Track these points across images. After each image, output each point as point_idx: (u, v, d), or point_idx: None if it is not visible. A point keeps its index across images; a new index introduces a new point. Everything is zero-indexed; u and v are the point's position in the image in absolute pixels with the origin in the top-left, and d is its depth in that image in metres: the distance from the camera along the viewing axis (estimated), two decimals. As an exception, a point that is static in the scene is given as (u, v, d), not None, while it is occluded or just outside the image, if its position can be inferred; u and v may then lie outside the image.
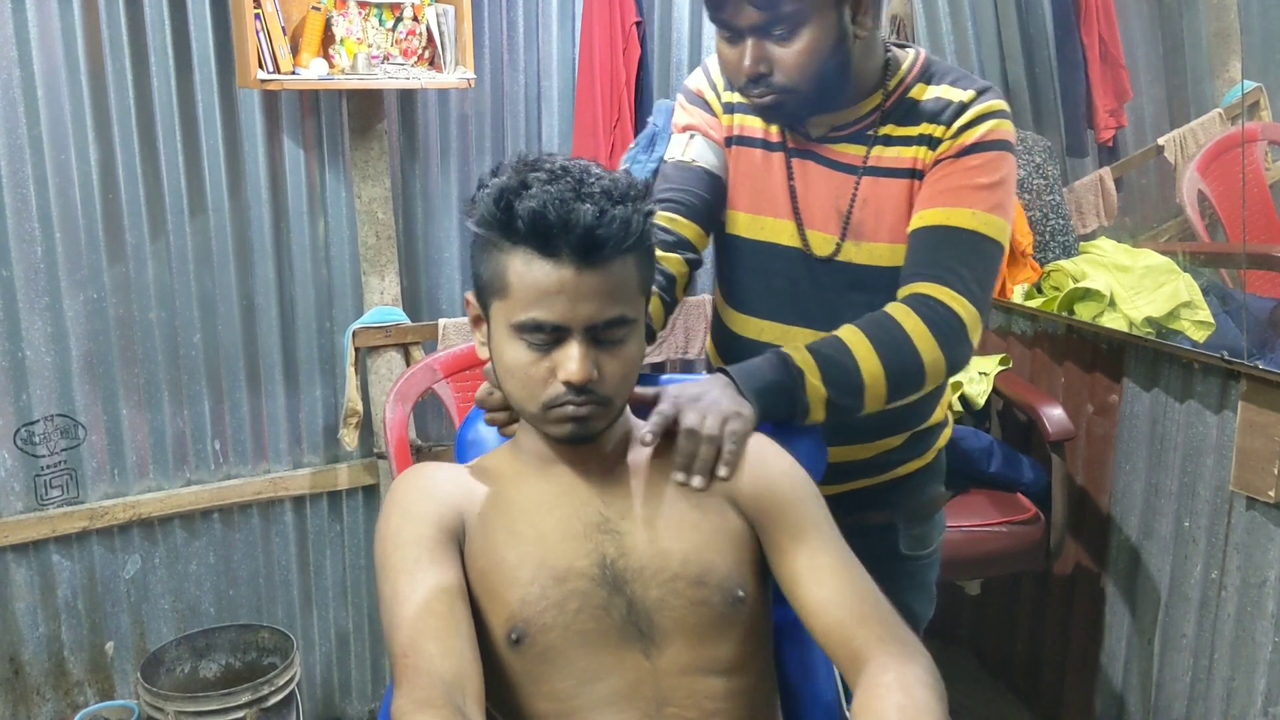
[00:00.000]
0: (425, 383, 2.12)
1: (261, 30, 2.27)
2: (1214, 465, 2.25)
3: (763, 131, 1.63)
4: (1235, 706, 2.23)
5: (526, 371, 1.20)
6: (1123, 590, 2.52)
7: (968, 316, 1.48)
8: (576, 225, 1.13)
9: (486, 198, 1.18)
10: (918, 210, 1.53)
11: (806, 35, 1.44)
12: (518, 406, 1.25)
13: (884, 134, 1.56)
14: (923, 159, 1.54)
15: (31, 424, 2.40)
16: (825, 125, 1.59)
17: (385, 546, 1.24)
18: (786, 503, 1.28)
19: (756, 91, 1.50)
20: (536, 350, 1.18)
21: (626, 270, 1.19)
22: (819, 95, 1.50)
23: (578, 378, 1.17)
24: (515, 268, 1.17)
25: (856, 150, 1.58)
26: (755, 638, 1.27)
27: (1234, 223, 2.72)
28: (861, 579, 1.23)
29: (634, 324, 1.22)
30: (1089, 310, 2.62)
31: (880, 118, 1.57)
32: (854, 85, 1.55)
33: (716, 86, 1.67)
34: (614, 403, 1.23)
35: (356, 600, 2.83)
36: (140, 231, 2.43)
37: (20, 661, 2.48)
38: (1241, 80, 2.70)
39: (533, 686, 1.21)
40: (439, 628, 1.13)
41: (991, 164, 1.50)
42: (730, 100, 1.65)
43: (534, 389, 1.20)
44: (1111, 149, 3.03)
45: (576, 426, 1.21)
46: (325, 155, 2.57)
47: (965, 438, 2.49)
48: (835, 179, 1.58)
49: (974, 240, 1.49)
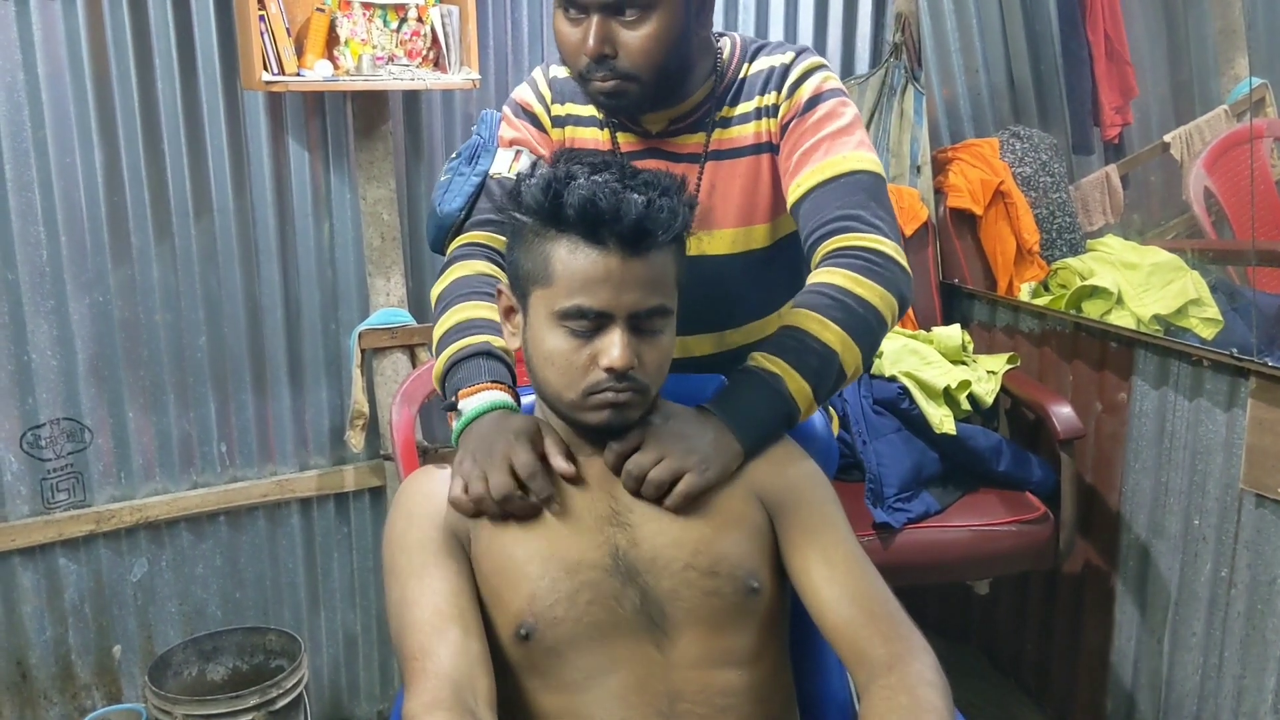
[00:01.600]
0: (430, 385, 2.11)
1: (266, 32, 2.27)
2: (1223, 463, 2.24)
3: (595, 141, 1.61)
4: (1246, 705, 2.22)
5: (568, 359, 1.21)
6: (1132, 589, 2.51)
7: (890, 249, 1.44)
8: (626, 213, 1.16)
9: (534, 187, 1.21)
10: (792, 179, 1.52)
11: (655, 21, 1.42)
12: (554, 395, 1.25)
13: (721, 117, 1.57)
14: (767, 130, 1.55)
15: (38, 427, 2.39)
16: (663, 120, 1.58)
17: (392, 550, 1.25)
18: (804, 500, 1.30)
19: (599, 75, 1.46)
20: (578, 337, 1.21)
21: (666, 262, 1.23)
22: (659, 85, 1.48)
23: (620, 364, 1.19)
24: (560, 255, 1.20)
25: (697, 139, 1.58)
26: (770, 631, 1.27)
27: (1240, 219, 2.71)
28: (873, 579, 1.24)
29: (671, 316, 1.25)
30: (1096, 308, 2.61)
31: (715, 104, 1.57)
32: (690, 79, 1.55)
33: (545, 99, 1.64)
34: (650, 392, 1.25)
35: (364, 602, 2.83)
36: (145, 234, 2.43)
37: (27, 665, 2.48)
38: (1249, 76, 2.69)
39: (539, 681, 1.21)
40: (448, 630, 1.14)
41: (836, 110, 1.51)
42: (560, 113, 1.63)
43: (574, 376, 1.22)
44: (1117, 146, 3.02)
45: (614, 413, 1.23)
46: (330, 157, 2.57)
47: (973, 436, 2.48)
48: (677, 170, 1.56)
49: (857, 180, 1.48)
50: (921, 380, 2.52)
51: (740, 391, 1.35)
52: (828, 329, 1.37)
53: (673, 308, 1.25)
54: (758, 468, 1.32)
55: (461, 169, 1.68)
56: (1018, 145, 2.93)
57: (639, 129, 1.60)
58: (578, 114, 1.63)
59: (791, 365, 1.35)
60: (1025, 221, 2.86)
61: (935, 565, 2.38)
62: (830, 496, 1.32)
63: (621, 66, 1.44)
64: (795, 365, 1.36)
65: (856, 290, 1.40)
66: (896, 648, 1.16)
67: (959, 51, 3.05)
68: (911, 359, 2.57)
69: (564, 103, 1.63)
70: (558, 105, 1.63)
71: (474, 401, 1.36)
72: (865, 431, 2.45)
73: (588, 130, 1.62)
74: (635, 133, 1.60)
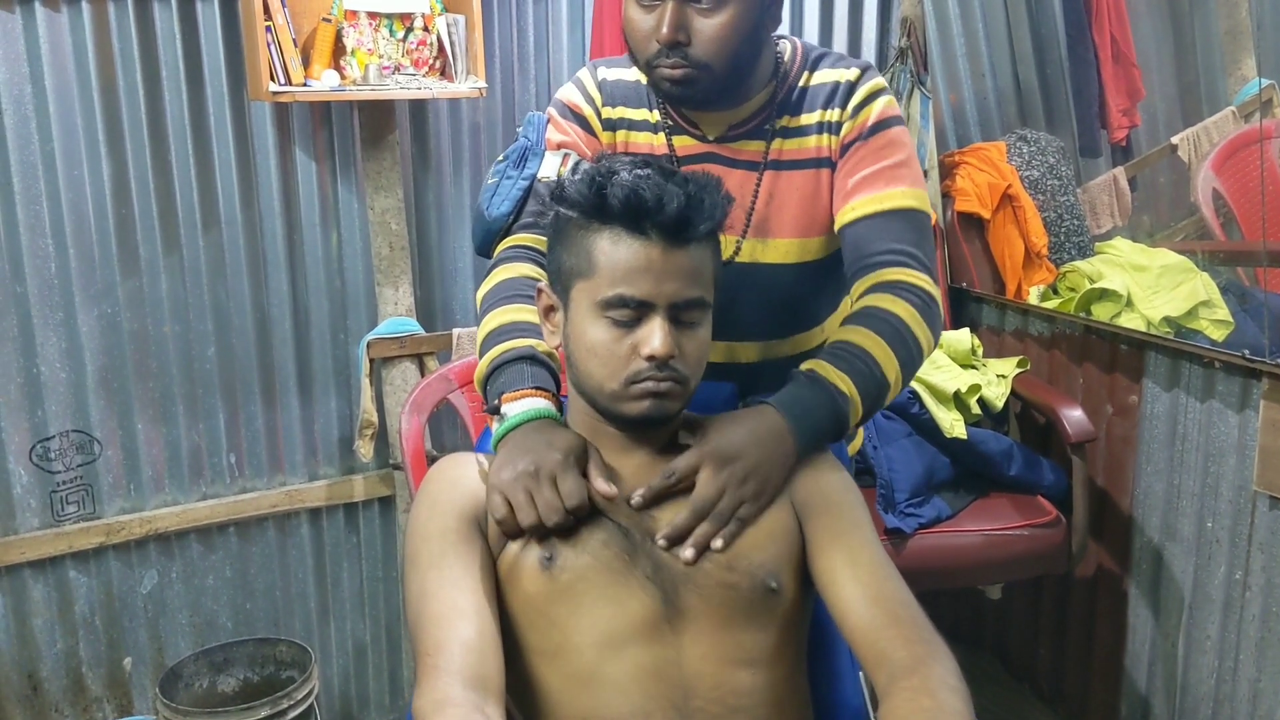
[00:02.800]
0: (440, 393, 2.12)
1: (272, 42, 2.27)
2: (1236, 465, 2.23)
3: (650, 146, 1.59)
4: (1261, 708, 2.21)
5: (610, 349, 1.24)
6: (1146, 592, 2.50)
7: (937, 294, 1.50)
8: (669, 204, 1.20)
9: (579, 182, 1.25)
10: (849, 199, 1.53)
11: (731, 10, 1.42)
12: (595, 387, 1.27)
13: (782, 126, 1.56)
14: (829, 145, 1.55)
15: (47, 440, 2.39)
16: (723, 125, 1.57)
17: (414, 540, 1.27)
18: (834, 504, 1.31)
19: (669, 62, 1.44)
20: (620, 327, 1.23)
21: (705, 255, 1.26)
22: (729, 79, 1.47)
23: (661, 351, 1.21)
24: (603, 247, 1.23)
25: (756, 146, 1.56)
26: (788, 634, 1.28)
27: (1249, 220, 2.70)
28: (897, 583, 1.25)
29: (709, 309, 1.28)
30: (1106, 311, 2.60)
31: (774, 110, 1.56)
32: (754, 78, 1.53)
33: (595, 101, 1.62)
34: (690, 384, 1.27)
35: (374, 612, 2.82)
36: (153, 245, 2.43)
37: (39, 678, 2.48)
38: (1257, 77, 2.69)
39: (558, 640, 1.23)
40: (462, 627, 1.16)
41: (899, 140, 1.54)
42: (612, 115, 1.61)
43: (615, 366, 1.24)
44: (1125, 148, 3.02)
45: (655, 403, 1.25)
46: (338, 166, 2.57)
47: (985, 440, 2.47)
48: (736, 177, 1.56)
49: (916, 218, 1.52)
50: (931, 385, 2.51)
51: (805, 395, 1.36)
52: (891, 362, 1.40)
53: (710, 302, 1.28)
54: (796, 472, 1.33)
55: (509, 172, 1.67)
56: (1025, 149, 2.92)
57: (697, 133, 1.58)
58: (631, 118, 1.61)
59: (855, 385, 1.37)
60: (1033, 225, 2.85)
61: (947, 570, 2.38)
62: (859, 502, 1.34)
63: (694, 55, 1.43)
64: (858, 386, 1.37)
65: (914, 329, 1.44)
66: (919, 651, 1.16)
67: (965, 55, 3.05)
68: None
69: (615, 106, 1.61)
70: (609, 108, 1.61)
71: (518, 407, 1.35)
72: (876, 437, 2.44)
73: (641, 135, 1.61)
74: (693, 136, 1.58)
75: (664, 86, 1.48)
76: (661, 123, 1.60)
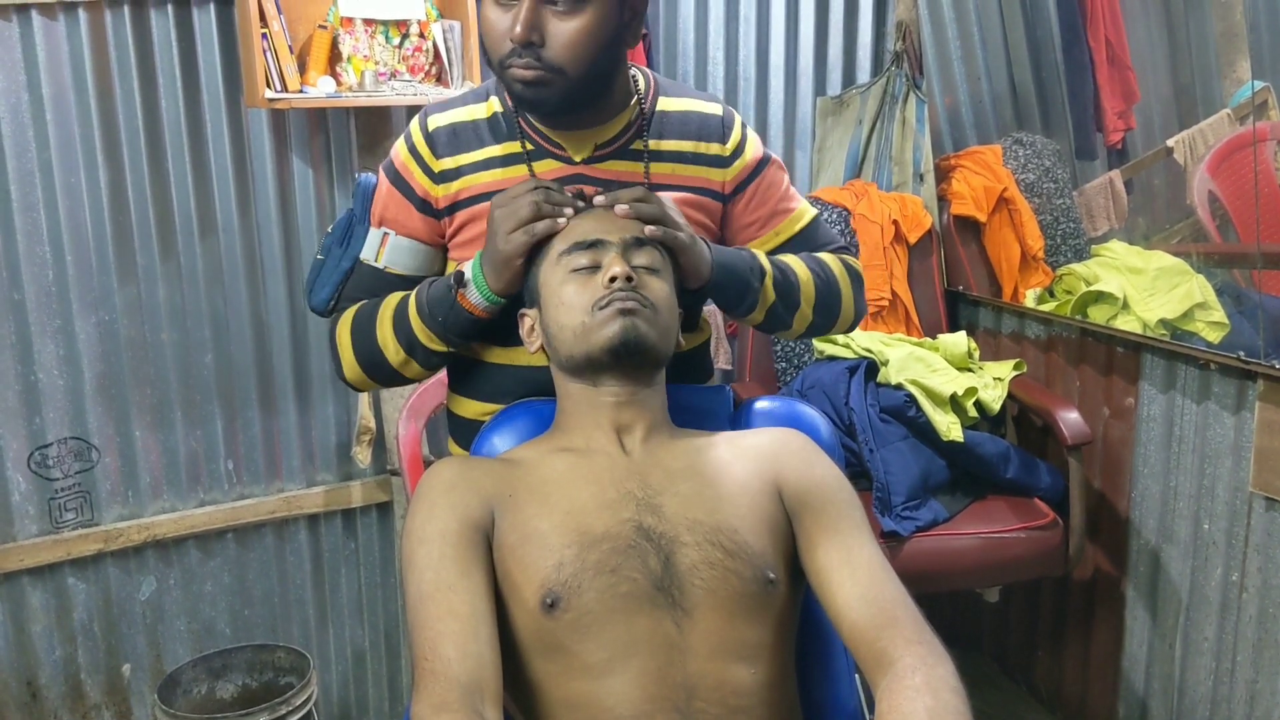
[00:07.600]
0: (437, 398, 2.12)
1: (269, 49, 2.28)
2: (1232, 466, 2.23)
3: (499, 182, 1.50)
4: (1259, 709, 2.21)
5: (577, 294, 1.33)
6: (1143, 594, 2.50)
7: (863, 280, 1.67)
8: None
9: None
10: (767, 227, 1.62)
11: (589, 15, 1.39)
12: (572, 333, 1.34)
13: (653, 149, 1.54)
14: (719, 179, 1.58)
15: (45, 447, 2.40)
16: (589, 145, 1.52)
17: (412, 543, 1.26)
18: (829, 500, 1.32)
19: (522, 62, 1.40)
20: (583, 273, 1.34)
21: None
22: (582, 87, 1.43)
23: (620, 270, 1.31)
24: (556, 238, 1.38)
25: (627, 167, 1.53)
26: (782, 630, 1.28)
27: (1245, 222, 2.70)
28: (892, 581, 1.25)
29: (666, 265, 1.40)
30: (1102, 313, 2.61)
31: (637, 131, 1.54)
32: (612, 96, 1.51)
33: (423, 156, 1.53)
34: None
35: (372, 618, 2.83)
36: (151, 252, 2.43)
37: (37, 685, 2.48)
38: (1251, 80, 2.69)
39: (562, 662, 1.22)
40: (459, 631, 1.16)
41: (779, 166, 1.65)
42: (447, 166, 1.52)
43: (585, 301, 1.33)
44: (1120, 151, 3.02)
45: (626, 322, 1.30)
46: (334, 173, 2.58)
47: (981, 443, 2.48)
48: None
49: (823, 224, 1.69)
50: (928, 387, 2.51)
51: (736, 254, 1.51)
52: (810, 288, 1.56)
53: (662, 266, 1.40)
54: (784, 463, 1.35)
55: (333, 249, 1.60)
56: (1021, 152, 2.93)
57: (562, 154, 1.52)
58: (472, 160, 1.53)
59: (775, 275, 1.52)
60: (1029, 228, 2.86)
61: (944, 573, 2.38)
62: (854, 500, 1.34)
63: (547, 57, 1.39)
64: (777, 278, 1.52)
65: (842, 286, 1.61)
66: (919, 651, 1.17)
67: (960, 59, 3.05)
68: (917, 366, 2.57)
69: (453, 154, 1.53)
70: (441, 160, 1.53)
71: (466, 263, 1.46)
72: (872, 439, 2.45)
73: (487, 174, 1.52)
74: (558, 159, 1.52)
75: (515, 88, 1.44)
76: (521, 152, 1.53)
